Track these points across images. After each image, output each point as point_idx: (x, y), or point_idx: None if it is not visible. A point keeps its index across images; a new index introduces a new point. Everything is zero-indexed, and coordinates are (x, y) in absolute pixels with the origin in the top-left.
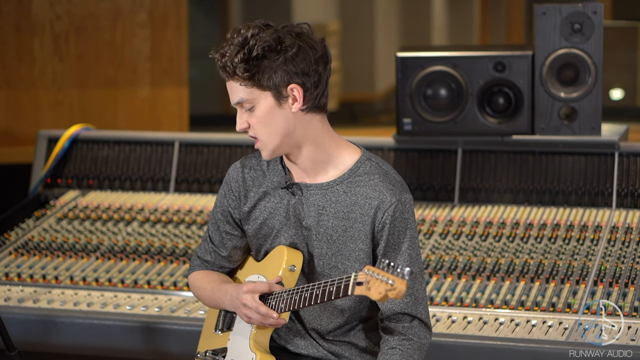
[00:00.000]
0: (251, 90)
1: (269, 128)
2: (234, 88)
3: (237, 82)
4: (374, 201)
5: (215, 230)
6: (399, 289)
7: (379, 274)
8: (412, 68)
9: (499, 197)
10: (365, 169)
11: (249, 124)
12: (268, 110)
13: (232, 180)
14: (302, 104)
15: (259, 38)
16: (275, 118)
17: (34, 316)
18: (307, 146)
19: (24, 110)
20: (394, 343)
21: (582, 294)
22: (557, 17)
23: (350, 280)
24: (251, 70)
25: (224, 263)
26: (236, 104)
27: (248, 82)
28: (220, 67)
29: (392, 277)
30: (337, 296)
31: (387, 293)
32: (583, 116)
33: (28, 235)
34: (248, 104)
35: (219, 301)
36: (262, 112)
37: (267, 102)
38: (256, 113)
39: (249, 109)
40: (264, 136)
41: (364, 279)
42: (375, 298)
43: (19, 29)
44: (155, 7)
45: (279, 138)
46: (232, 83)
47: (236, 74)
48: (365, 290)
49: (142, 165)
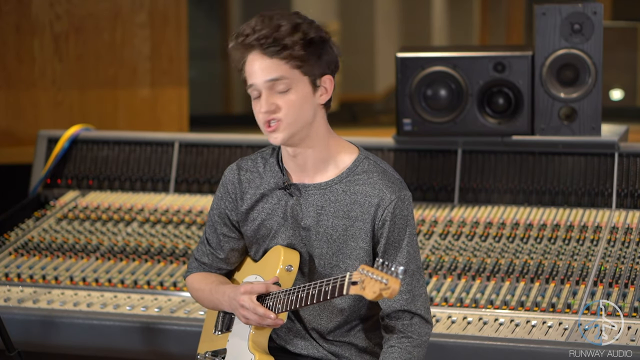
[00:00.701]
0: (293, 72)
1: (298, 113)
2: (273, 65)
3: (280, 60)
4: (374, 199)
5: (212, 232)
6: (393, 288)
7: (373, 273)
8: (412, 68)
9: (499, 198)
10: (364, 167)
11: (276, 106)
12: (303, 96)
13: (229, 182)
14: (329, 97)
15: (310, 25)
16: (306, 105)
17: (33, 316)
18: (316, 140)
19: (24, 110)
20: (394, 341)
21: (582, 295)
22: (557, 18)
23: (345, 279)
24: (307, 51)
25: (222, 265)
26: (269, 81)
27: (296, 63)
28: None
29: (386, 276)
30: (332, 296)
31: (381, 292)
32: (583, 116)
33: (28, 235)
34: (284, 86)
35: (217, 302)
36: (298, 97)
37: (304, 88)
38: (290, 96)
39: (282, 91)
40: (291, 119)
41: (358, 279)
42: (370, 297)
43: (19, 29)
44: (155, 7)
45: (301, 125)
46: (272, 60)
47: (293, 50)
48: (360, 289)
49: (142, 166)
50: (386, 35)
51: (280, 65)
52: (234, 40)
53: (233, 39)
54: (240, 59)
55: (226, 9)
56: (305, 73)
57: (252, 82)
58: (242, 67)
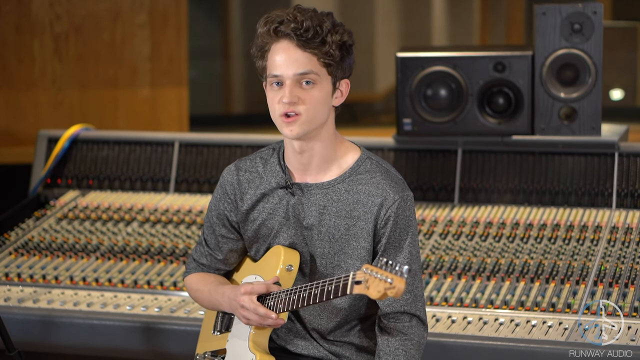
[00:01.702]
0: (321, 69)
1: (319, 109)
2: (306, 59)
3: (314, 55)
4: (377, 198)
5: (211, 233)
6: (398, 287)
7: (377, 273)
8: (412, 68)
9: (499, 198)
10: (366, 167)
11: (299, 99)
12: (325, 94)
13: (227, 183)
14: (343, 100)
15: (344, 28)
16: (325, 104)
17: (33, 316)
18: (323, 140)
19: (24, 110)
20: (397, 344)
21: (582, 294)
22: (557, 17)
23: (348, 279)
24: (341, 53)
25: (220, 266)
26: (298, 74)
27: (326, 61)
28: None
29: (391, 275)
30: (335, 295)
31: (386, 292)
32: (583, 116)
33: (28, 235)
34: (312, 80)
35: (217, 303)
36: (322, 94)
37: (328, 86)
38: (314, 92)
39: (307, 85)
40: (311, 115)
41: (362, 278)
42: (375, 297)
43: (19, 29)
44: (155, 7)
45: (317, 124)
46: (306, 53)
47: (325, 49)
48: (364, 289)
49: (142, 166)
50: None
51: (312, 59)
52: (266, 24)
53: (265, 24)
54: (264, 45)
55: (226, 9)
56: (330, 73)
57: (278, 72)
58: (264, 54)
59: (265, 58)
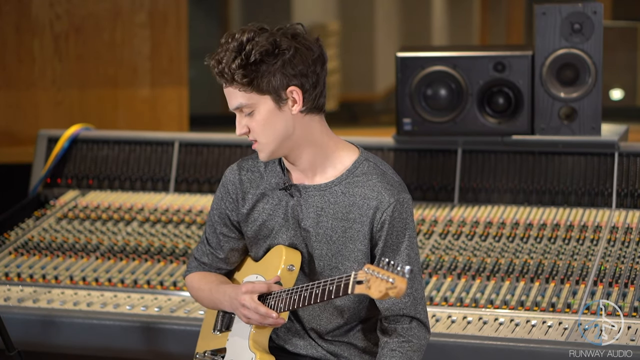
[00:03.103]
0: (250, 95)
1: (269, 131)
2: (233, 93)
3: (235, 87)
4: (373, 201)
5: (212, 232)
6: (400, 287)
7: (379, 273)
8: (412, 68)
9: (499, 197)
10: (363, 169)
11: (248, 129)
12: (268, 114)
13: (229, 182)
14: (301, 106)
15: (255, 43)
16: (276, 121)
17: (33, 316)
18: (307, 147)
19: (24, 110)
20: (394, 345)
21: (581, 294)
22: (557, 17)
23: (350, 279)
24: (249, 76)
25: (221, 265)
26: (235, 109)
27: (247, 88)
28: (217, 73)
29: (393, 275)
30: (337, 295)
31: (387, 291)
32: (583, 116)
33: (28, 235)
34: (247, 109)
35: (218, 302)
36: (262, 116)
37: (266, 106)
38: (256, 117)
39: (249, 114)
40: (264, 139)
41: (364, 278)
42: (376, 297)
43: (19, 29)
44: (155, 7)
45: (279, 141)
46: (230, 89)
47: (235, 80)
48: (366, 289)
49: (142, 165)
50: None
51: (235, 92)
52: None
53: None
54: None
55: (226, 9)
56: (261, 92)
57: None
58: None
59: None
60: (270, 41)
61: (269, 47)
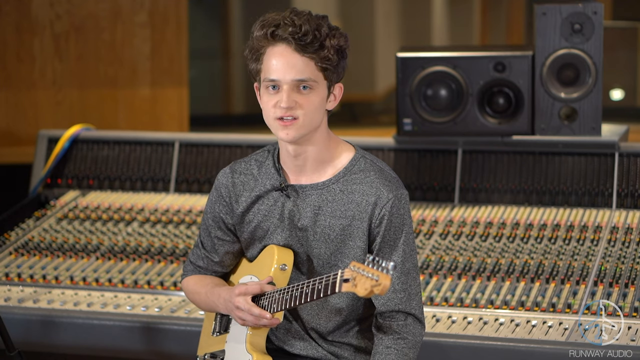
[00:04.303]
0: (318, 75)
1: (315, 114)
2: (304, 64)
3: (312, 60)
4: (371, 197)
5: (207, 236)
6: (384, 284)
7: (364, 270)
8: (412, 68)
9: (499, 198)
10: (360, 166)
11: (296, 103)
12: (322, 98)
13: (222, 186)
14: (336, 104)
15: (340, 32)
16: (321, 109)
17: (34, 316)
18: (317, 142)
19: (24, 110)
20: (389, 342)
21: (582, 295)
22: (557, 18)
23: (337, 277)
24: (338, 59)
25: (217, 268)
26: (297, 81)
27: (323, 66)
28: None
29: (377, 272)
30: (325, 294)
31: (372, 289)
32: (583, 116)
33: (28, 235)
34: (308, 85)
35: (213, 305)
36: (318, 99)
37: (323, 91)
38: (312, 97)
39: (304, 89)
40: (307, 119)
41: (350, 276)
42: (362, 294)
43: (19, 29)
44: (155, 7)
45: (313, 127)
46: (304, 58)
47: (323, 53)
48: (352, 286)
49: (142, 166)
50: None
51: (310, 64)
52: (263, 28)
53: (261, 27)
54: (259, 48)
55: (226, 9)
56: (326, 78)
57: (275, 77)
58: (259, 57)
59: (260, 61)
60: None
61: (348, 42)
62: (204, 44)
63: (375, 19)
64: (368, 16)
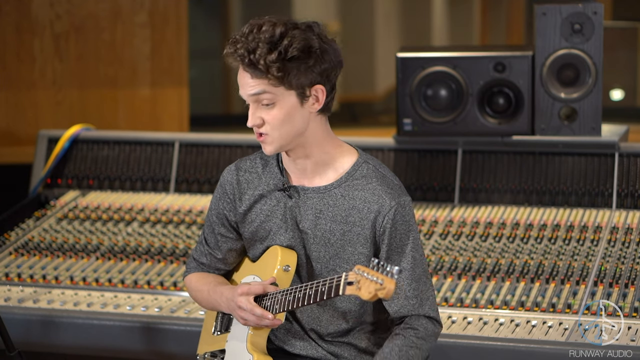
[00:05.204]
0: (277, 88)
1: (286, 126)
2: (255, 82)
3: (262, 79)
4: (374, 205)
5: (210, 232)
6: (388, 288)
7: (368, 274)
8: (412, 68)
9: (499, 198)
10: (363, 172)
11: (263, 121)
12: (289, 109)
13: (227, 183)
14: (321, 105)
15: (292, 37)
16: (294, 117)
17: (34, 316)
18: (312, 146)
19: (24, 110)
20: (398, 330)
21: (582, 295)
22: (557, 18)
23: (341, 280)
24: (285, 71)
25: (220, 265)
26: (253, 96)
27: (277, 81)
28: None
29: (382, 276)
30: (328, 296)
31: (376, 292)
32: (583, 117)
33: (28, 235)
34: (268, 100)
35: (215, 304)
36: (283, 111)
37: (290, 101)
38: (275, 111)
39: (266, 105)
40: (276, 133)
41: (354, 279)
42: (366, 298)
43: (19, 29)
44: (155, 7)
45: (291, 137)
46: (254, 78)
47: (268, 73)
48: (356, 289)
49: (142, 166)
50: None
51: (262, 81)
52: (227, 47)
53: (226, 46)
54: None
55: (226, 9)
56: (289, 88)
57: (240, 93)
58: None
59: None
60: (304, 37)
61: (304, 43)
62: (204, 44)
63: (375, 19)
64: (368, 16)
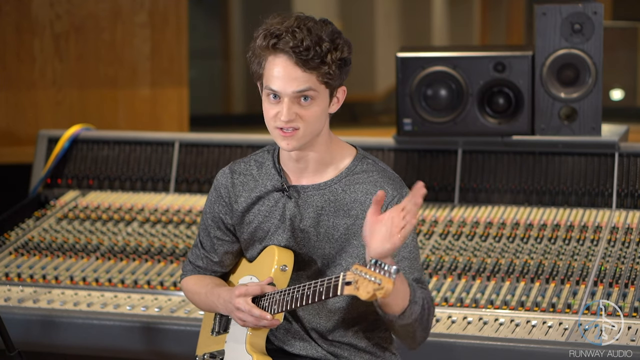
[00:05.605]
0: (320, 86)
1: (317, 124)
2: (305, 78)
3: (313, 74)
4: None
5: (206, 235)
6: (387, 287)
7: (367, 274)
8: (412, 68)
9: (499, 198)
10: (363, 167)
11: (297, 115)
12: (324, 107)
13: (221, 186)
14: (339, 106)
15: (343, 40)
16: (323, 115)
17: (34, 316)
18: (320, 145)
19: (24, 110)
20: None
21: (582, 295)
22: (557, 18)
23: (339, 280)
24: (340, 70)
25: (216, 268)
26: (297, 92)
27: (325, 79)
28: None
29: (380, 276)
30: (327, 296)
31: (375, 292)
32: (583, 116)
33: (28, 235)
34: (310, 96)
35: (213, 305)
36: (320, 108)
37: (325, 100)
38: (313, 108)
39: (304, 100)
40: (309, 129)
41: (352, 279)
42: (364, 298)
43: (19, 29)
44: (155, 7)
45: (314, 135)
46: (305, 73)
47: (324, 69)
48: (354, 289)
49: (142, 166)
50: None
51: (311, 78)
52: (265, 38)
53: (263, 37)
54: (260, 55)
55: (226, 9)
56: (328, 87)
57: (275, 88)
58: (261, 62)
59: (262, 66)
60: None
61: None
62: (204, 44)
63: (375, 19)
64: (368, 16)
